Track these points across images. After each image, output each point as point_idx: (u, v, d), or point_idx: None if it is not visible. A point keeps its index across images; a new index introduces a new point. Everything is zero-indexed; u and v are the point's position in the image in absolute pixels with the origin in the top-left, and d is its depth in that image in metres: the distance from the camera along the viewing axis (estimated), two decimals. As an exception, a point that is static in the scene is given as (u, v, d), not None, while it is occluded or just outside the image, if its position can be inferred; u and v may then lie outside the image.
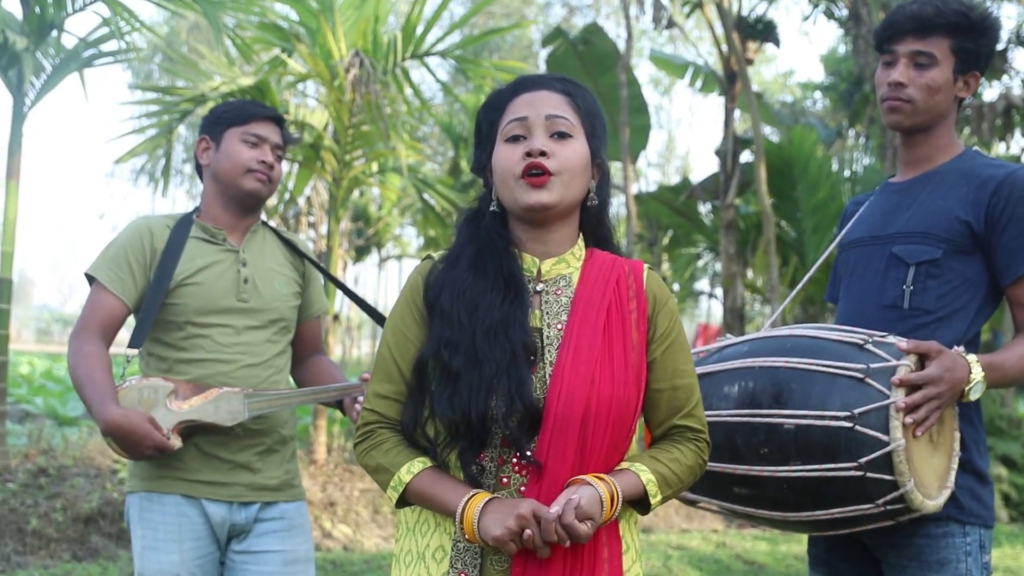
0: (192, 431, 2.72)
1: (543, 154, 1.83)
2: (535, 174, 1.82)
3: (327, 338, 8.16)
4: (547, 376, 1.79)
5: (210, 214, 2.95)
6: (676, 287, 16.22)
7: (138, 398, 2.65)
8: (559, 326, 1.84)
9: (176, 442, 2.65)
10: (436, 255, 1.95)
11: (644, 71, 34.58)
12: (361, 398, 2.76)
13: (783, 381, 2.22)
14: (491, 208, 1.91)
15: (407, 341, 1.87)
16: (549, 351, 1.82)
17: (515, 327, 1.79)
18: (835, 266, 2.74)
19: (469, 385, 1.75)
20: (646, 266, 1.94)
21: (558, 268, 1.90)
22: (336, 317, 10.22)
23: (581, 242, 1.94)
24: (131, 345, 2.80)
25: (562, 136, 1.86)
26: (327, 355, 3.18)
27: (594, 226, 1.96)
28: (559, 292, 1.88)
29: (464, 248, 1.89)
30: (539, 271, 1.89)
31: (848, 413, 2.12)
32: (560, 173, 1.83)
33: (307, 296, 3.07)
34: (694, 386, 1.90)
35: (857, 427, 2.11)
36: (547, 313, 1.86)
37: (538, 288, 1.88)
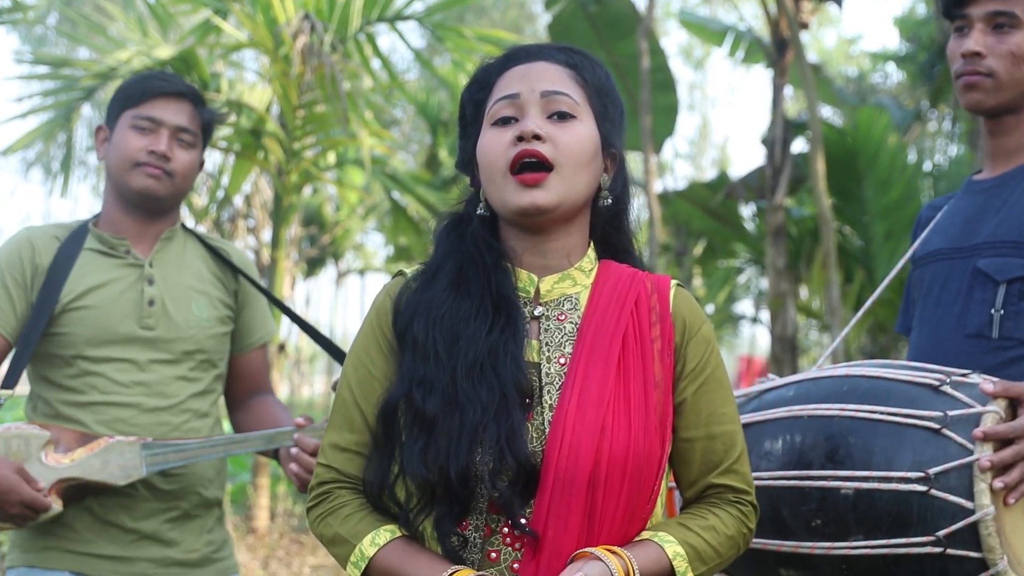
0: (78, 492, 2.71)
1: (537, 138, 1.83)
2: (528, 165, 1.83)
3: (270, 373, 8.15)
4: (546, 424, 1.80)
5: (110, 220, 2.96)
6: (711, 309, 16.23)
7: (3, 449, 2.65)
8: (562, 360, 1.85)
9: (55, 504, 2.64)
10: (409, 271, 1.95)
11: (672, 40, 34.68)
12: (295, 450, 2.73)
13: (839, 434, 2.21)
14: (478, 211, 1.92)
15: (372, 379, 1.88)
16: (549, 392, 1.82)
17: (506, 362, 1.80)
18: (907, 287, 2.74)
19: (447, 435, 1.76)
20: (674, 282, 1.95)
21: (562, 287, 1.91)
22: (282, 347, 10.21)
23: (592, 253, 1.95)
24: (3, 386, 2.80)
25: (563, 117, 1.87)
26: (274, 395, 3.18)
27: (608, 232, 1.97)
28: (563, 317, 1.89)
29: (443, 262, 1.90)
30: (537, 291, 1.90)
31: (922, 474, 2.12)
32: (560, 164, 1.84)
33: (244, 321, 3.07)
34: (736, 434, 1.91)
35: (933, 491, 2.11)
36: (547, 344, 1.87)
37: (536, 312, 1.89)
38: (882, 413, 2.20)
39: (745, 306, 19.71)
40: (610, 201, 1.93)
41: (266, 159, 8.05)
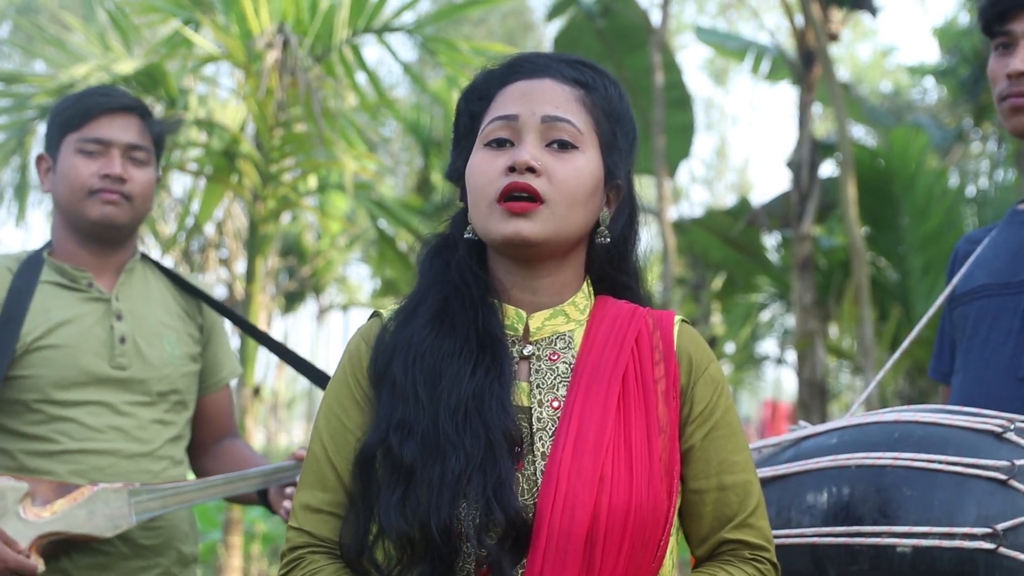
0: (60, 548, 2.69)
1: (531, 171, 1.83)
2: (517, 198, 1.82)
3: (243, 419, 8.10)
4: (538, 474, 1.80)
5: (66, 251, 2.96)
6: (731, 349, 16.23)
7: None
8: (555, 404, 1.85)
9: (38, 564, 2.62)
10: (386, 312, 1.96)
11: (688, 54, 34.92)
12: (290, 490, 2.76)
13: (892, 486, 2.20)
14: (466, 235, 1.92)
15: (345, 432, 1.89)
16: (541, 438, 1.83)
17: (492, 406, 1.80)
18: (942, 328, 2.75)
19: (428, 485, 1.76)
20: (677, 318, 1.95)
21: (553, 324, 1.91)
22: (257, 391, 10.17)
23: (587, 287, 1.96)
24: None
25: (563, 147, 1.87)
26: (243, 439, 3.19)
27: (607, 270, 1.98)
28: (555, 357, 1.89)
29: (426, 294, 1.91)
30: (527, 328, 1.90)
31: (988, 529, 2.10)
32: (552, 200, 1.84)
33: (211, 356, 3.09)
34: (751, 484, 1.91)
35: (1002, 549, 2.09)
36: (538, 386, 1.87)
37: (526, 351, 1.89)
38: (941, 462, 2.18)
39: (769, 346, 19.72)
40: (608, 239, 1.93)
41: (240, 183, 8.04)
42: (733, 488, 1.89)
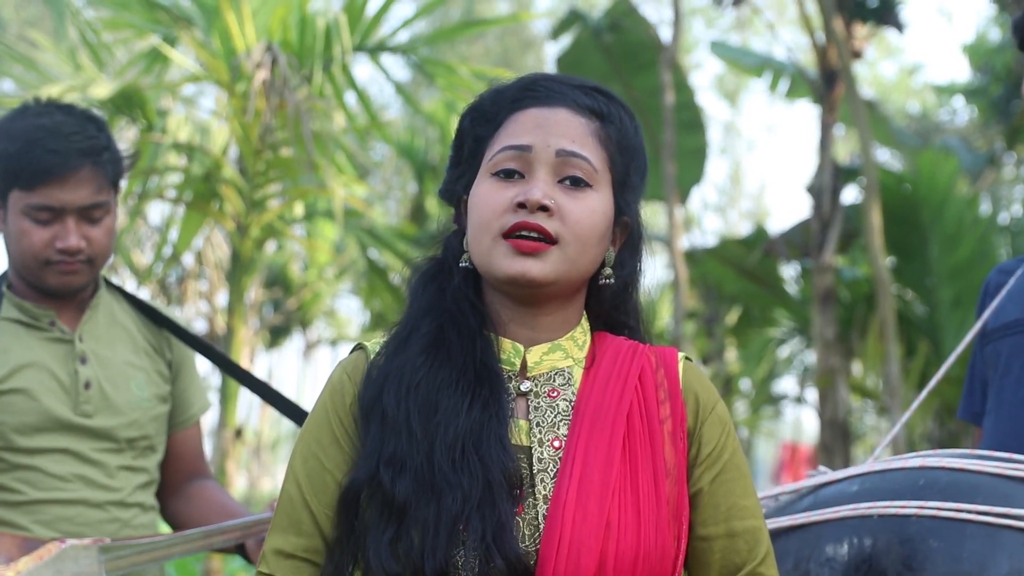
0: None
1: (544, 209, 1.83)
2: (526, 236, 1.82)
3: (224, 463, 8.10)
4: (540, 518, 1.79)
5: (24, 291, 2.94)
6: (747, 387, 16.22)
7: None
8: (556, 443, 1.85)
9: None
10: (372, 343, 1.95)
11: (702, 74, 35.00)
12: None
13: (918, 537, 2.19)
14: (461, 263, 1.91)
15: (323, 473, 1.87)
16: (542, 480, 1.82)
17: (491, 443, 1.79)
18: (972, 365, 2.74)
19: (422, 526, 1.75)
20: (681, 355, 1.95)
21: (552, 359, 1.91)
22: (239, 432, 10.17)
23: (585, 323, 1.96)
24: None
25: (576, 184, 1.87)
26: (215, 480, 3.18)
27: (608, 311, 1.97)
28: (555, 393, 1.89)
29: (419, 322, 1.90)
30: (524, 363, 1.90)
31: (1021, 584, 2.10)
32: (565, 241, 1.84)
33: (180, 391, 3.08)
34: (760, 531, 1.91)
35: (1036, 606, 2.09)
36: (538, 424, 1.86)
37: (523, 388, 1.89)
38: (970, 512, 2.17)
39: (788, 384, 19.67)
40: (612, 281, 1.93)
41: (222, 210, 8.06)
42: (742, 535, 1.88)
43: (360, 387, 1.88)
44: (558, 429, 1.86)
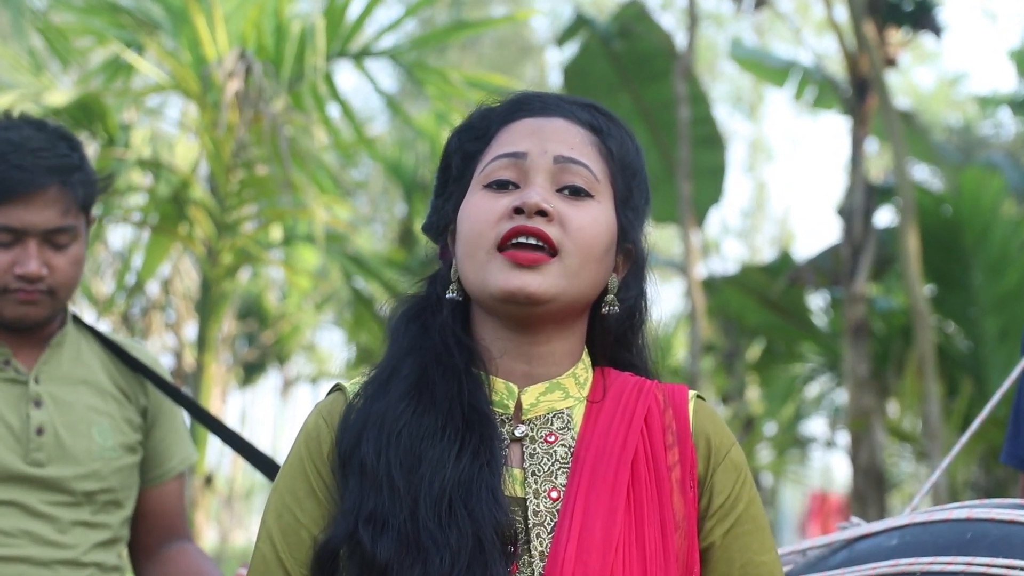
0: None
1: (543, 214, 1.83)
2: (523, 246, 1.83)
3: (192, 514, 8.08)
4: None
5: None
6: (771, 429, 16.20)
7: None
8: (554, 494, 1.85)
9: None
10: (351, 384, 1.96)
11: (722, 85, 34.99)
12: None
13: (965, 597, 2.20)
14: (448, 294, 1.91)
15: (299, 528, 1.88)
16: (539, 536, 1.82)
17: (481, 495, 1.79)
18: (1018, 405, 2.75)
19: None
20: (692, 393, 1.95)
21: (550, 400, 1.91)
22: (209, 480, 10.15)
23: (586, 358, 1.96)
24: None
25: (576, 193, 1.88)
26: (194, 542, 3.16)
27: (611, 345, 1.98)
28: (552, 439, 1.89)
29: (400, 363, 1.91)
30: (519, 405, 1.90)
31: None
32: (566, 251, 1.84)
33: (156, 443, 3.06)
34: None
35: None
36: (534, 474, 1.86)
37: (518, 432, 1.89)
38: (1022, 569, 2.17)
39: (817, 426, 19.68)
40: (616, 309, 1.93)
41: (191, 234, 8.05)
42: None
43: (337, 433, 1.88)
44: (556, 478, 1.85)
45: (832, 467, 30.50)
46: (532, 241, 1.82)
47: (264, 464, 3.02)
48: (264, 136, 7.23)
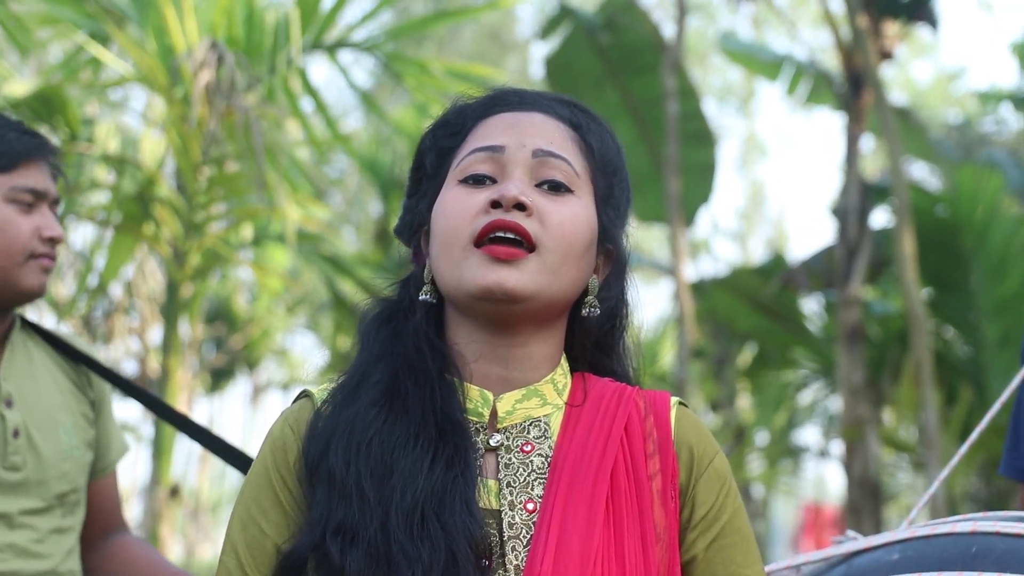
0: None
1: (520, 207, 1.84)
2: (500, 240, 1.83)
3: (156, 527, 8.06)
4: None
5: None
6: (763, 438, 16.20)
7: None
8: (530, 506, 1.85)
9: None
10: (319, 390, 1.96)
11: (714, 79, 34.98)
12: None
13: (969, 614, 2.19)
14: (421, 296, 1.92)
15: (263, 540, 1.88)
16: (514, 549, 1.83)
17: (455, 508, 1.79)
18: (1017, 413, 2.76)
19: None
20: (674, 400, 1.96)
21: (526, 407, 1.91)
22: (174, 491, 10.14)
23: (565, 363, 1.96)
24: None
25: (556, 189, 1.88)
26: (131, 533, 3.17)
27: (590, 350, 1.98)
28: (529, 448, 1.89)
29: (371, 369, 1.91)
30: (494, 412, 1.90)
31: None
32: (545, 247, 1.84)
33: (99, 436, 3.08)
34: None
35: None
36: (509, 485, 1.87)
37: (493, 441, 1.89)
38: (1030, 585, 2.17)
39: (810, 435, 19.69)
40: (597, 311, 1.93)
41: (157, 234, 8.03)
42: None
43: (304, 442, 1.88)
44: (532, 489, 1.86)
45: (826, 478, 30.58)
46: (510, 236, 1.82)
47: (232, 455, 3.01)
48: (236, 131, 7.20)
